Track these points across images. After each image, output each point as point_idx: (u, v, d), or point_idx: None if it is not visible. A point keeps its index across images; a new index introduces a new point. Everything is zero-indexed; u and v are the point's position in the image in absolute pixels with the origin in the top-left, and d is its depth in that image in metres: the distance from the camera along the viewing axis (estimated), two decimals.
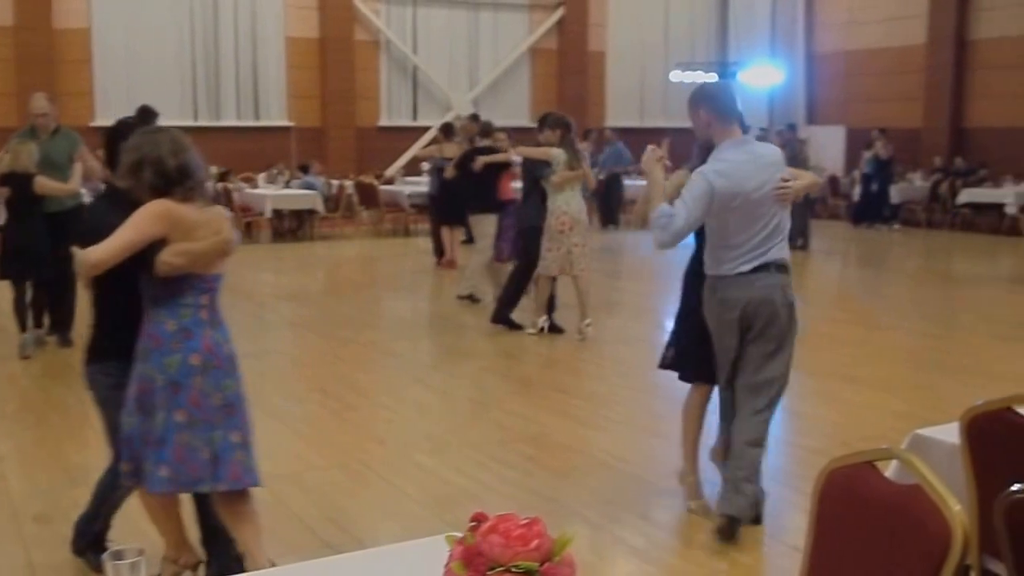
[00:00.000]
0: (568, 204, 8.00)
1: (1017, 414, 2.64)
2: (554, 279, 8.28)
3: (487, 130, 10.30)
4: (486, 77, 19.66)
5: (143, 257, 3.30)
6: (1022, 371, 7.27)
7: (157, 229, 3.28)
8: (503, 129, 10.32)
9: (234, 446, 3.43)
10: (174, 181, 3.35)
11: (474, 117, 12.32)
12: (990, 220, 16.52)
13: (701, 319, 4.32)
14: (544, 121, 8.37)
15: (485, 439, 5.67)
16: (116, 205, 3.47)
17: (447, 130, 12.67)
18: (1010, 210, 15.93)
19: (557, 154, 7.98)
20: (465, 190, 9.88)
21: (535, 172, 8.14)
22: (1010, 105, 17.51)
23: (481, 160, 9.51)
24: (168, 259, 3.28)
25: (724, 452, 4.60)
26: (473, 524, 1.60)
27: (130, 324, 3.44)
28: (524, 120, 18.27)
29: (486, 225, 9.63)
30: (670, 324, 4.78)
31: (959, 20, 18.35)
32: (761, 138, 7.73)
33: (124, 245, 3.24)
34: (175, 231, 3.30)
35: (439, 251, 12.55)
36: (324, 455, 5.46)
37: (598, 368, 7.62)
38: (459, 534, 1.62)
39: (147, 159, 3.35)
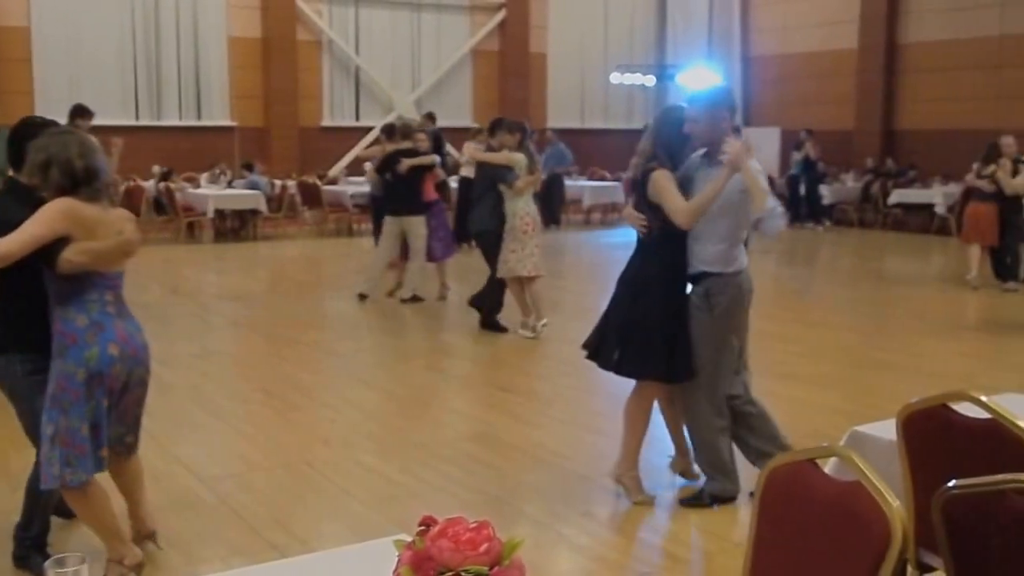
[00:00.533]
0: (528, 205, 8.03)
1: (951, 411, 2.70)
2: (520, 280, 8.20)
3: (407, 132, 10.27)
4: (428, 78, 19.59)
5: (48, 253, 3.37)
6: (955, 368, 7.46)
7: (63, 226, 3.38)
8: (423, 130, 10.35)
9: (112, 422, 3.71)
10: (80, 181, 3.47)
11: (430, 116, 12.29)
12: (920, 220, 16.88)
13: (682, 319, 4.46)
14: (499, 125, 8.37)
15: (429, 438, 5.67)
16: (19, 201, 3.53)
17: (389, 131, 12.59)
18: (939, 210, 16.27)
19: (519, 159, 7.98)
20: (390, 192, 9.81)
21: (495, 177, 8.08)
22: (939, 107, 17.93)
23: (407, 163, 9.47)
24: (71, 257, 3.39)
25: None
26: (422, 528, 1.59)
27: (35, 319, 3.55)
28: (466, 121, 18.26)
29: (418, 226, 9.62)
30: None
31: (890, 25, 18.74)
32: None
33: (31, 239, 3.33)
34: (79, 229, 3.41)
35: None
36: (268, 456, 5.41)
37: (541, 367, 7.64)
38: (408, 538, 1.61)
39: (55, 159, 3.45)
